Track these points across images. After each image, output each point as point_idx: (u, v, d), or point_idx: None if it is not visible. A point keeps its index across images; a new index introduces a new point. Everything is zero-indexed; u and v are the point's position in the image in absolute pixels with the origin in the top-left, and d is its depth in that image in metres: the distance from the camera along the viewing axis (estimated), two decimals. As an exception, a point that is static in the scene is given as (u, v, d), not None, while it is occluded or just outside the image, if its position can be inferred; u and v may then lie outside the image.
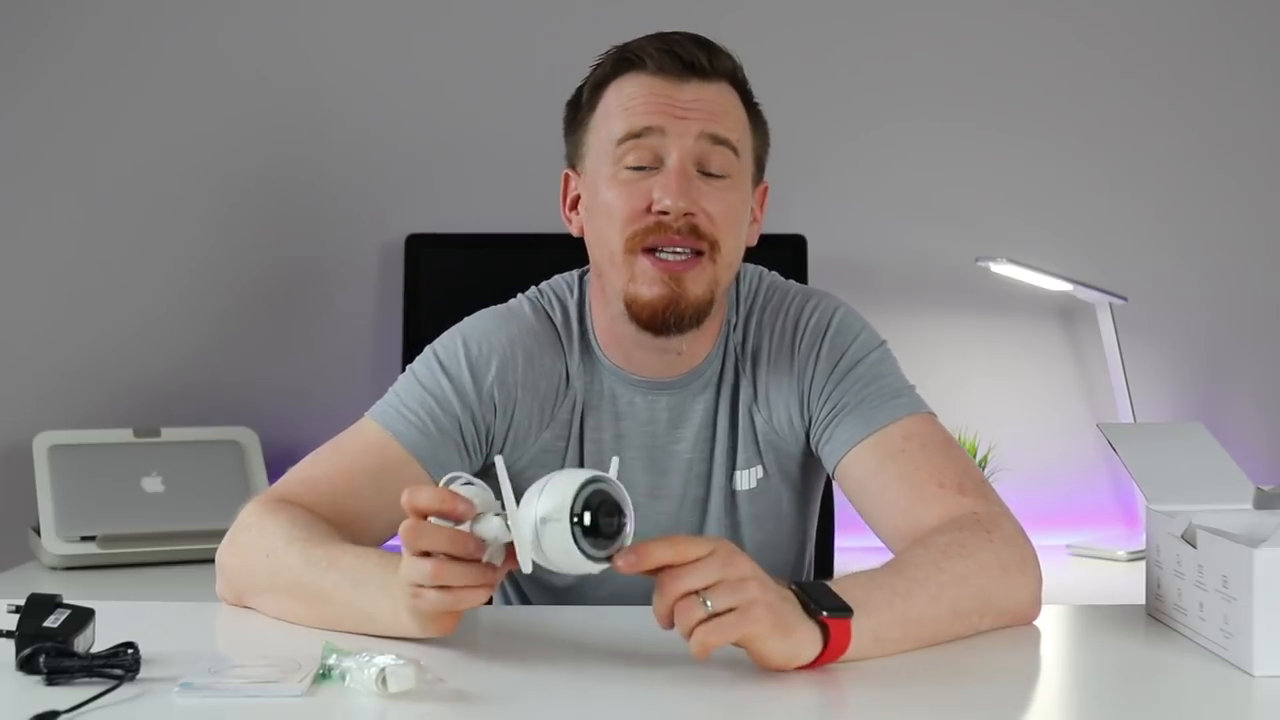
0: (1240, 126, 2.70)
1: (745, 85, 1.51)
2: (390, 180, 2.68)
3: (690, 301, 1.43)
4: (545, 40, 2.63)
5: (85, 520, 2.28)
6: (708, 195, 1.43)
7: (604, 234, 1.46)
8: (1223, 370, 2.69)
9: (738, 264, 1.50)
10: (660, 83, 1.45)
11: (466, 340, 1.53)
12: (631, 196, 1.43)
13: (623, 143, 1.44)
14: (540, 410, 1.52)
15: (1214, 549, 1.21)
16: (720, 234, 1.43)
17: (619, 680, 1.15)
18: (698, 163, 1.44)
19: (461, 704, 1.09)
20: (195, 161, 2.67)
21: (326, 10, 2.69)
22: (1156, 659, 1.24)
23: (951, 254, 2.65)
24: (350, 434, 1.50)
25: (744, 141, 1.48)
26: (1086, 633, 1.36)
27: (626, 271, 1.44)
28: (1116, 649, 1.28)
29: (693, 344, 1.51)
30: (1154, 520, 1.34)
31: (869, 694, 1.13)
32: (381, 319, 2.67)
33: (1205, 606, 1.22)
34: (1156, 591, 1.34)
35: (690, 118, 1.43)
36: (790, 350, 1.53)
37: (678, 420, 1.54)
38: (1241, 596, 1.15)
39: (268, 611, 1.34)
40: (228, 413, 2.60)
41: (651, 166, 1.43)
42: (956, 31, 2.70)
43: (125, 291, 2.67)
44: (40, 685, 1.10)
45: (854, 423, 1.47)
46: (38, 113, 2.66)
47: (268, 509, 1.39)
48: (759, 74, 1.54)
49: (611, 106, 1.46)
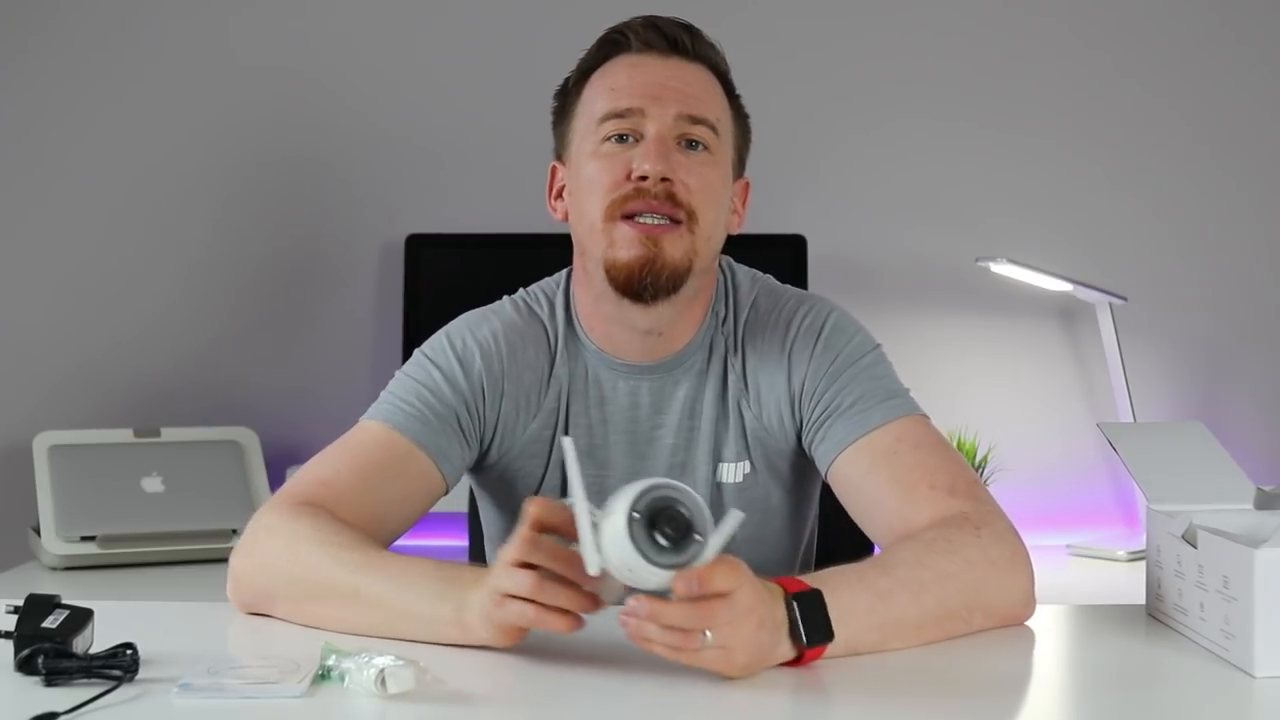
0: (1240, 126, 2.70)
1: (727, 77, 1.53)
2: (390, 180, 2.68)
3: (667, 262, 1.44)
4: (545, 40, 2.63)
5: (85, 520, 2.28)
6: (686, 167, 1.45)
7: (585, 207, 1.48)
8: (1223, 370, 2.69)
9: (717, 241, 1.50)
10: (644, 60, 1.48)
11: (451, 337, 1.56)
12: (612, 167, 1.45)
13: (604, 121, 1.47)
14: (526, 401, 1.54)
15: (1214, 549, 1.21)
16: (697, 204, 1.45)
17: (618, 680, 1.15)
18: (678, 138, 1.46)
19: (461, 704, 1.09)
20: (196, 162, 2.68)
21: (327, 11, 2.69)
22: (1157, 660, 1.24)
23: (951, 254, 2.65)
24: (352, 435, 1.50)
25: (724, 123, 1.50)
26: (1085, 633, 1.36)
27: (606, 238, 1.46)
28: (1116, 649, 1.28)
29: (674, 326, 1.52)
30: (1154, 520, 1.34)
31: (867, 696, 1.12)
32: (381, 319, 2.67)
33: (1206, 607, 1.22)
34: (1157, 592, 1.34)
35: (670, 98, 1.46)
36: (784, 349, 1.53)
37: (660, 406, 1.55)
38: (1242, 597, 1.15)
39: (295, 618, 1.32)
40: (228, 413, 2.60)
41: (634, 138, 1.46)
42: (957, 32, 2.70)
43: (125, 291, 2.67)
44: (39, 686, 1.10)
45: (847, 424, 1.48)
46: (38, 112, 2.66)
47: (290, 513, 1.38)
48: (759, 73, 1.55)
49: (596, 89, 1.49)
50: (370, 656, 1.11)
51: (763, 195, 1.59)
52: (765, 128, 1.57)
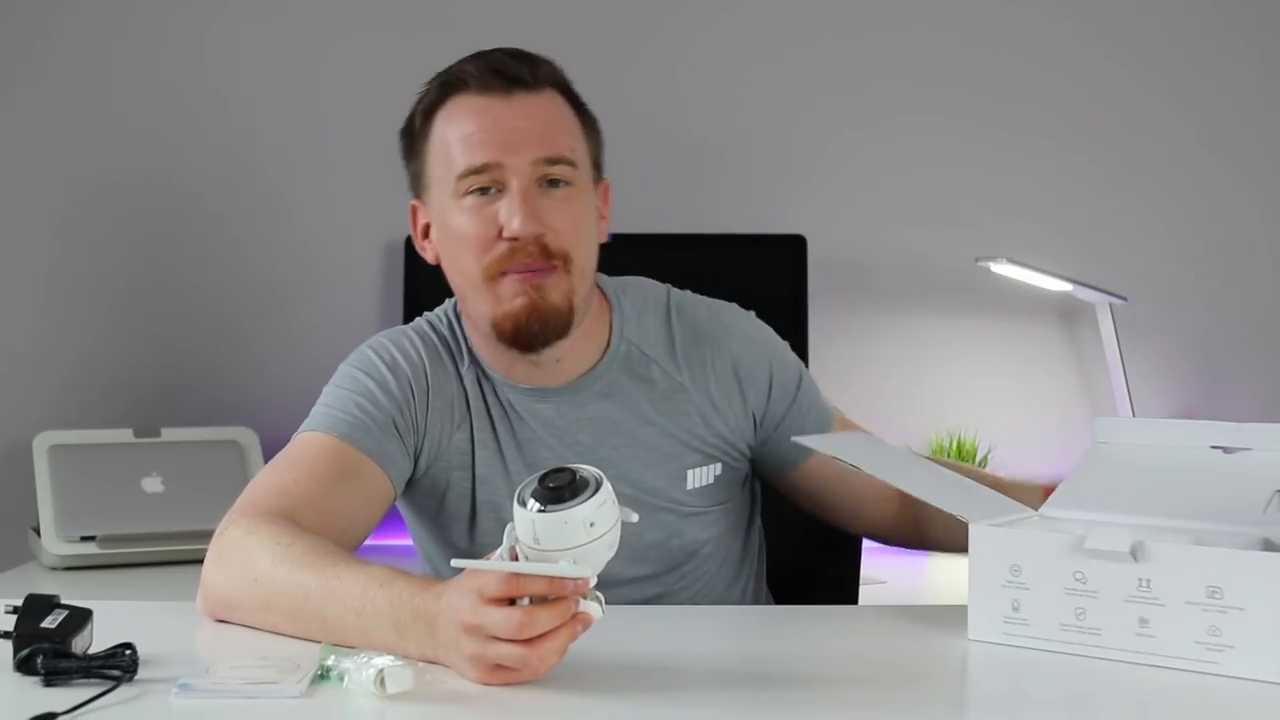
0: (1240, 126, 2.70)
1: (570, 89, 1.55)
2: (390, 180, 2.67)
3: (552, 308, 1.47)
4: (545, 41, 2.62)
5: (85, 520, 2.28)
6: (552, 210, 1.48)
7: (460, 262, 1.51)
8: (1223, 370, 2.69)
9: (591, 269, 1.53)
10: (488, 103, 1.49)
11: (376, 350, 1.57)
12: (481, 222, 1.48)
13: (464, 177, 1.48)
14: (450, 411, 1.55)
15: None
16: (570, 246, 1.48)
17: (616, 680, 1.15)
18: (539, 180, 1.48)
19: (460, 704, 1.09)
20: (195, 161, 2.67)
21: (327, 8, 2.69)
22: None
23: (951, 254, 2.65)
24: (296, 448, 1.50)
25: (579, 150, 1.52)
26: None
27: (490, 296, 1.48)
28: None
29: (569, 352, 1.54)
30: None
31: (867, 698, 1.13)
32: (381, 319, 2.67)
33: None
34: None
35: (524, 145, 1.47)
36: (732, 362, 1.59)
37: (576, 425, 1.56)
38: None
39: (264, 628, 1.31)
40: (228, 413, 2.60)
41: (496, 189, 1.48)
42: (956, 31, 2.69)
43: (125, 291, 2.67)
44: (38, 686, 1.10)
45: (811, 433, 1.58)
46: (37, 112, 2.66)
47: (250, 524, 1.37)
48: (757, 73, 1.55)
49: (447, 136, 1.50)
50: (370, 656, 1.11)
51: (762, 195, 1.59)
52: (765, 127, 1.58)
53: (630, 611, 1.40)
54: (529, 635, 1.09)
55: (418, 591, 1.18)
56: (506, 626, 1.09)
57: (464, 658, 1.12)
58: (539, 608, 1.09)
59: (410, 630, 1.17)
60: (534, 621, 1.09)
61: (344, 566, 1.26)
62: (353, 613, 1.22)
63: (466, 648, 1.12)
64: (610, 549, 1.12)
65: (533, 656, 1.09)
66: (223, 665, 1.15)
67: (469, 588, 1.12)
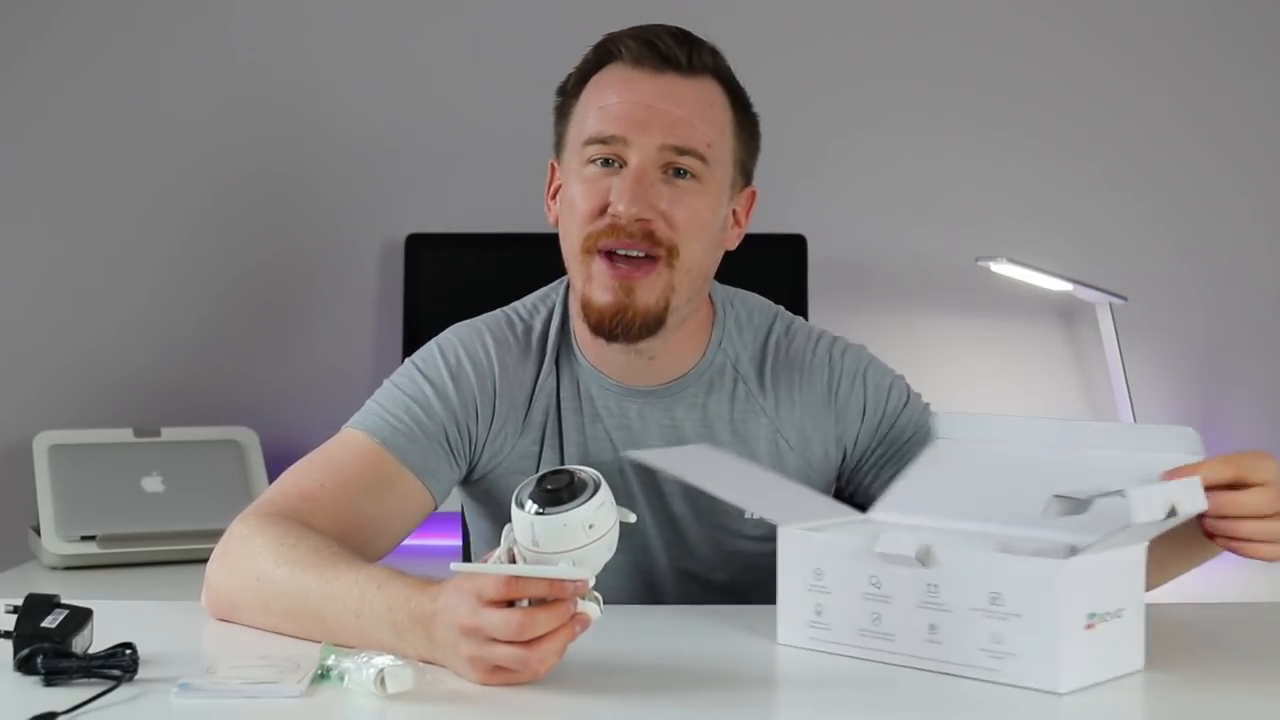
0: (1240, 126, 2.69)
1: (732, 82, 1.49)
2: (390, 180, 2.68)
3: (639, 311, 1.42)
4: (546, 40, 2.63)
5: (85, 520, 2.28)
6: (670, 198, 1.43)
7: (567, 227, 1.47)
8: (1223, 370, 2.69)
9: (701, 270, 1.47)
10: (635, 76, 1.45)
11: (444, 350, 1.52)
12: (591, 195, 1.44)
13: (589, 145, 1.44)
14: (517, 417, 1.51)
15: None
16: (680, 239, 1.43)
17: (616, 680, 1.15)
18: (663, 167, 1.43)
19: (460, 704, 1.09)
20: (195, 161, 2.67)
21: (328, 8, 2.69)
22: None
23: (951, 254, 2.65)
24: (336, 445, 1.47)
25: (719, 146, 1.46)
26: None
27: (584, 271, 1.44)
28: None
29: (663, 352, 1.50)
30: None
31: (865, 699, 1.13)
32: (381, 319, 2.67)
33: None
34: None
35: (656, 125, 1.42)
36: (826, 393, 1.54)
37: (650, 432, 1.51)
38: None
39: (265, 628, 1.31)
40: (228, 413, 2.60)
41: (618, 163, 1.43)
42: (957, 31, 2.69)
43: (126, 291, 2.66)
44: (38, 686, 1.10)
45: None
46: (37, 111, 2.66)
47: (258, 524, 1.36)
48: (756, 73, 1.54)
49: (589, 102, 1.47)
50: (370, 656, 1.11)
51: (762, 195, 1.58)
52: (765, 127, 1.57)
53: (630, 611, 1.40)
54: (529, 637, 1.09)
55: (415, 593, 1.18)
56: (506, 629, 1.09)
57: (463, 659, 1.12)
58: (538, 610, 1.09)
59: (408, 632, 1.17)
60: (534, 623, 1.09)
61: (344, 568, 1.26)
62: (351, 614, 1.22)
63: (465, 649, 1.11)
64: (609, 550, 1.12)
65: (532, 658, 1.09)
66: (223, 665, 1.15)
67: (467, 590, 1.12)
